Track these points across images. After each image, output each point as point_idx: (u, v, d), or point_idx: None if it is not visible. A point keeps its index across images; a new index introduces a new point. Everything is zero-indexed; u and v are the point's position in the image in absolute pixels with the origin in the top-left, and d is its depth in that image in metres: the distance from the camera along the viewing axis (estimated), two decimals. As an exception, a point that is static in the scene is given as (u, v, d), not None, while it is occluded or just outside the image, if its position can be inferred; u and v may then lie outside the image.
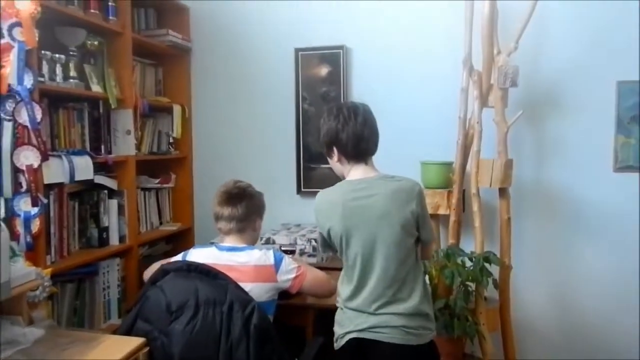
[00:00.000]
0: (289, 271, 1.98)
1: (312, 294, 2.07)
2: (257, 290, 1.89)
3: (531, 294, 2.72)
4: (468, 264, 2.40)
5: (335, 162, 1.84)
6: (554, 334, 2.71)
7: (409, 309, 1.69)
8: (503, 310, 2.54)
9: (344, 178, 1.84)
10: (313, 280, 2.01)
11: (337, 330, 1.78)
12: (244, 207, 2.03)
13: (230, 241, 2.04)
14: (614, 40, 2.53)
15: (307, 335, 2.18)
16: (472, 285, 2.39)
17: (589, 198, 2.62)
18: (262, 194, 2.14)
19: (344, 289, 1.78)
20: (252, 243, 2.10)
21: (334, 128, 1.77)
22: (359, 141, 1.76)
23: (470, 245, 2.51)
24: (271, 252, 2.00)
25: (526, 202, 2.69)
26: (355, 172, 1.80)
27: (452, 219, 2.54)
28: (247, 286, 1.86)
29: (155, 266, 2.15)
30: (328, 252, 1.94)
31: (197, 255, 1.99)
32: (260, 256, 1.97)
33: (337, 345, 1.78)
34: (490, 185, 2.43)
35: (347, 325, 1.74)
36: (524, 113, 2.46)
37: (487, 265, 2.36)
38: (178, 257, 2.07)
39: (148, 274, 2.13)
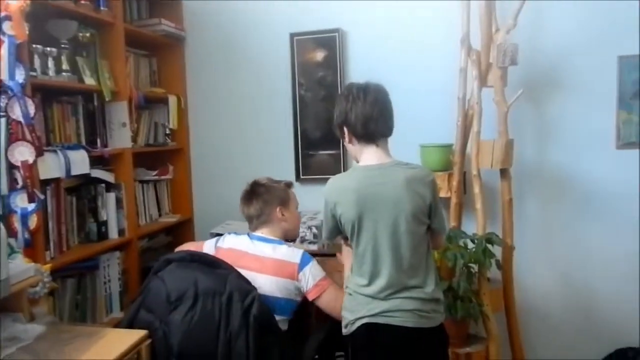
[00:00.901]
0: (313, 275, 1.98)
1: (326, 310, 1.99)
2: (272, 284, 1.89)
3: (534, 274, 2.70)
4: (470, 245, 2.38)
5: (347, 144, 1.85)
6: (557, 314, 2.71)
7: (423, 296, 1.71)
8: (506, 291, 2.53)
9: (357, 161, 1.85)
10: (333, 298, 1.95)
11: (347, 316, 1.78)
12: (259, 202, 2.09)
13: (261, 232, 2.09)
14: (614, 14, 2.48)
15: (310, 325, 2.17)
16: (475, 267, 2.38)
17: (592, 176, 2.59)
18: (283, 183, 2.19)
19: (356, 276, 1.78)
20: (286, 233, 2.13)
21: (344, 108, 1.78)
22: (368, 121, 1.74)
23: (472, 227, 2.49)
24: (301, 252, 2.02)
25: (528, 183, 2.66)
26: (368, 157, 1.78)
27: (454, 201, 2.52)
28: (262, 278, 1.86)
29: (189, 245, 2.22)
30: (334, 239, 1.91)
31: (231, 241, 2.07)
32: (286, 252, 2.00)
33: (348, 330, 1.78)
34: (491, 167, 2.41)
35: (358, 311, 1.74)
36: (524, 92, 2.42)
37: (489, 246, 2.34)
38: (211, 242, 2.13)
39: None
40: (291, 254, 1.99)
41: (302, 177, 2.93)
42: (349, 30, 2.81)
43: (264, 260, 1.94)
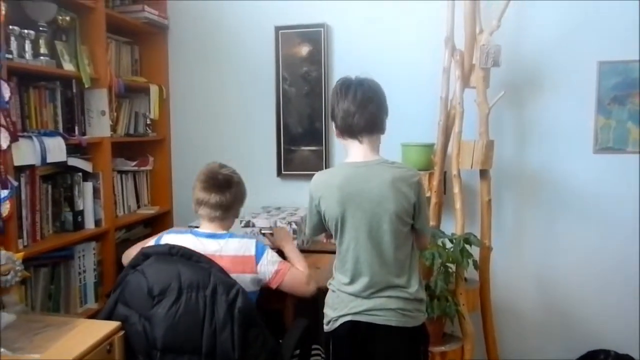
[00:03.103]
0: (269, 264, 1.95)
1: (290, 292, 2.03)
2: (238, 281, 1.86)
3: (511, 275, 2.74)
4: (448, 245, 2.40)
5: (338, 138, 1.83)
6: (532, 315, 2.74)
7: (407, 295, 1.71)
8: (483, 290, 2.55)
9: None
10: (293, 279, 1.99)
11: (329, 313, 1.78)
12: (232, 195, 1.98)
13: (210, 227, 1.99)
14: (595, 20, 2.52)
15: (286, 320, 2.17)
16: (452, 267, 2.39)
17: (569, 180, 2.63)
18: (243, 182, 2.10)
19: (339, 274, 1.79)
20: (229, 229, 2.06)
21: (332, 102, 1.79)
22: (347, 116, 1.73)
23: (451, 226, 2.51)
24: (253, 242, 1.97)
25: (507, 184, 2.69)
26: (354, 153, 1.77)
27: (433, 200, 2.53)
28: None
29: (134, 249, 2.11)
30: (317, 235, 1.92)
31: (171, 241, 1.92)
32: (240, 246, 1.94)
33: (329, 328, 1.78)
34: (472, 167, 2.43)
35: (341, 309, 1.75)
36: (505, 94, 2.44)
37: (467, 246, 2.36)
38: (151, 242, 2.03)
39: (127, 257, 2.09)
40: (244, 246, 1.94)
41: (283, 172, 2.92)
42: (334, 25, 2.80)
43: (217, 259, 1.85)
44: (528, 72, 2.61)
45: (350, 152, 1.79)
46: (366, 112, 1.73)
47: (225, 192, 1.97)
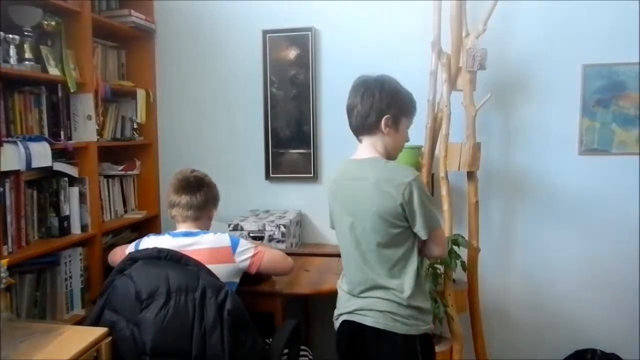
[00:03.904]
0: (245, 251, 1.99)
1: (272, 273, 2.12)
2: (216, 272, 1.86)
3: (499, 276, 2.75)
4: (437, 247, 2.40)
5: None
6: (520, 315, 2.76)
7: (398, 300, 1.64)
8: (471, 292, 2.56)
9: None
10: (271, 259, 2.04)
11: (335, 311, 1.82)
12: (203, 195, 2.04)
13: (184, 227, 2.04)
14: (580, 23, 2.55)
15: (275, 322, 2.16)
16: (440, 268, 2.40)
17: (555, 181, 2.66)
18: (215, 185, 2.15)
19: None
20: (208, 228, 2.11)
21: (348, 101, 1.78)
22: (349, 116, 1.75)
23: (439, 228, 2.52)
24: (226, 234, 2.02)
25: (494, 186, 2.71)
26: (358, 151, 1.78)
27: (422, 202, 2.54)
28: None
29: (118, 250, 2.15)
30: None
31: (150, 244, 1.96)
32: (214, 239, 1.98)
33: (335, 326, 1.81)
34: (459, 169, 2.44)
35: (340, 307, 1.78)
36: (492, 96, 2.46)
37: (455, 248, 2.38)
38: (131, 247, 2.05)
39: (113, 257, 2.15)
40: (219, 239, 1.98)
41: (271, 175, 2.91)
42: (322, 29, 2.81)
43: (194, 252, 1.87)
44: (514, 75, 2.64)
45: (357, 150, 1.79)
46: (371, 111, 1.69)
47: (196, 193, 2.03)
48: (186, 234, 2.00)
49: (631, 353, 2.61)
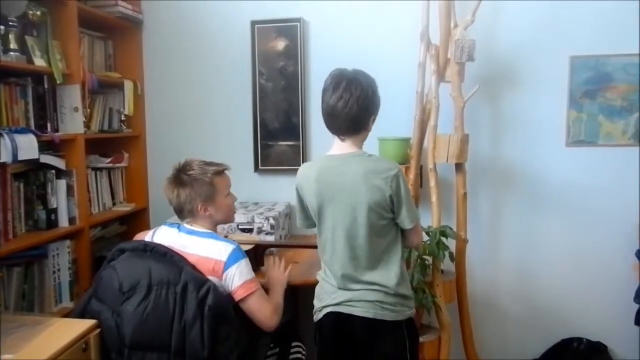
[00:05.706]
0: (240, 274, 1.84)
1: (250, 315, 1.88)
2: None
3: (487, 266, 2.78)
4: (425, 238, 2.42)
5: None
6: (507, 305, 2.79)
7: (385, 290, 1.71)
8: (459, 282, 2.59)
9: None
10: (259, 303, 1.87)
11: (316, 303, 1.83)
12: (182, 193, 1.92)
13: (191, 225, 1.96)
14: (568, 15, 2.57)
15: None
16: (429, 259, 2.42)
17: (543, 172, 2.68)
18: (213, 170, 1.98)
19: (323, 264, 1.82)
20: (217, 223, 2.01)
21: (322, 96, 1.76)
22: (327, 115, 1.74)
23: (428, 219, 2.53)
24: (232, 248, 1.86)
25: (482, 177, 2.73)
26: (335, 145, 1.78)
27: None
28: None
29: (139, 237, 2.05)
30: (307, 226, 1.89)
31: (161, 235, 1.94)
32: (214, 248, 1.86)
33: (315, 318, 1.82)
34: (447, 161, 2.45)
35: (324, 299, 1.78)
36: (480, 88, 2.47)
37: (443, 239, 2.39)
38: (149, 235, 1.98)
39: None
40: (219, 250, 1.85)
41: (260, 167, 2.91)
42: (310, 20, 2.80)
43: (186, 256, 1.83)
44: (502, 67, 2.65)
45: (333, 144, 1.80)
46: (352, 110, 1.68)
47: (173, 192, 1.95)
48: (191, 232, 1.91)
49: (616, 341, 2.66)
